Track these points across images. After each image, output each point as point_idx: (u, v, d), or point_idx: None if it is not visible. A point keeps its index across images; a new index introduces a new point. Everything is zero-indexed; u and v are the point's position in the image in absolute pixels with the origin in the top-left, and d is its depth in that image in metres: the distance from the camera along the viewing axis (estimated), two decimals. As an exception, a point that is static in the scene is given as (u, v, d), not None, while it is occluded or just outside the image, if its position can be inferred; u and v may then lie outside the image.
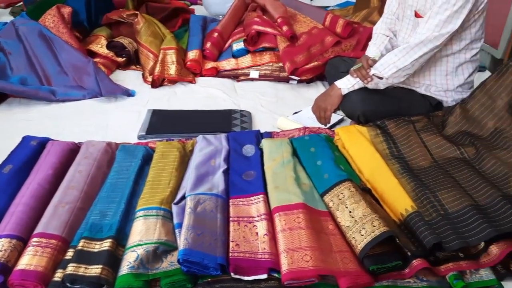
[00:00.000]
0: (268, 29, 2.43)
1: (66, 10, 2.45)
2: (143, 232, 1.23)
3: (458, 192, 1.25)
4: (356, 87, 1.66)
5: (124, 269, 1.12)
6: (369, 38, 1.88)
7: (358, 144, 1.58)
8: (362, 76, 1.61)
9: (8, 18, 3.25)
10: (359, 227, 1.17)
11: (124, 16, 2.55)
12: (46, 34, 2.31)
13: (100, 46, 2.56)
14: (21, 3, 3.63)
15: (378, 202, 1.35)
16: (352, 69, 1.65)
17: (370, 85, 1.63)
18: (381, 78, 1.59)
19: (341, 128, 1.72)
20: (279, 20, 2.44)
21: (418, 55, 1.52)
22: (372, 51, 1.77)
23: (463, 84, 1.67)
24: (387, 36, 1.79)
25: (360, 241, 1.14)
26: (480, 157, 1.38)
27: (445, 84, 1.68)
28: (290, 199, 1.31)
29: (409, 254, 1.12)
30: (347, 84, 1.68)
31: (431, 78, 1.70)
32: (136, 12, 2.56)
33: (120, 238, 1.25)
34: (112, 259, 1.17)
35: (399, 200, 1.29)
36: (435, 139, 1.50)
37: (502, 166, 1.31)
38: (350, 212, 1.23)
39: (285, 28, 2.38)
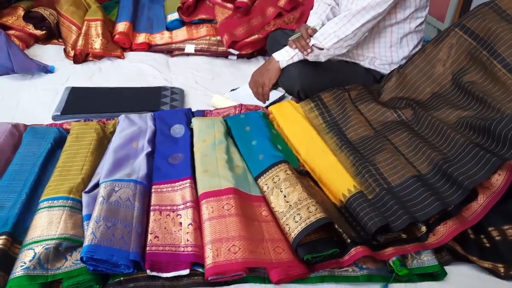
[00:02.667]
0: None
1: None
2: (45, 226, 1.07)
3: (399, 162, 1.21)
4: (296, 59, 1.56)
5: (18, 270, 0.97)
6: (313, 9, 1.78)
7: (292, 121, 1.50)
8: (302, 47, 1.50)
9: None
10: (294, 212, 1.07)
11: (42, -18, 2.30)
12: None
13: (15, 18, 2.30)
14: None
15: (318, 184, 1.26)
16: (290, 39, 1.54)
17: (310, 57, 1.53)
18: (322, 49, 1.49)
19: (275, 105, 1.63)
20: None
21: (361, 23, 1.44)
22: (313, 20, 1.67)
23: (408, 57, 1.61)
24: (329, 5, 1.70)
25: (294, 228, 1.04)
26: (418, 117, 1.33)
27: (389, 57, 1.61)
28: (220, 184, 1.20)
29: (349, 241, 1.04)
30: (285, 56, 1.57)
31: (375, 51, 1.63)
32: (55, -23, 2.31)
33: (18, 234, 1.09)
34: (5, 259, 1.01)
35: (339, 181, 1.21)
36: (370, 105, 1.45)
37: (438, 121, 1.26)
38: (285, 196, 1.13)
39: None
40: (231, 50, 2.15)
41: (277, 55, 1.58)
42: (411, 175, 1.16)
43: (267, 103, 1.70)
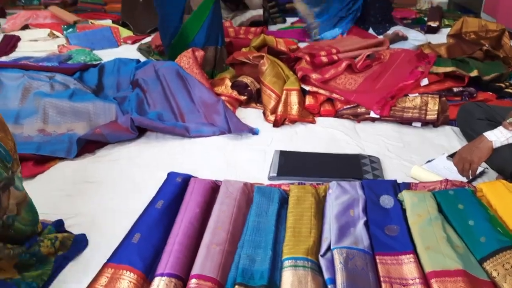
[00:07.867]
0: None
1: (199, 54, 2.58)
2: (296, 285, 1.18)
3: None
4: (511, 141, 1.51)
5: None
6: None
7: (507, 203, 1.42)
8: (519, 130, 1.45)
9: (135, 54, 3.55)
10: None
11: (251, 57, 2.61)
12: (182, 74, 2.44)
13: (224, 87, 2.63)
14: (148, 40, 3.91)
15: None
16: (507, 121, 1.50)
17: (527, 140, 1.46)
18: (542, 133, 1.42)
19: (485, 183, 1.57)
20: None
21: None
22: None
23: None
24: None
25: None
26: None
27: None
28: (447, 263, 1.19)
29: None
30: (499, 136, 1.52)
31: None
32: (262, 54, 2.61)
33: (271, 287, 1.22)
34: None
35: None
36: None
37: None
38: (524, 287, 1.08)
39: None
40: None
41: (490, 135, 1.55)
42: None
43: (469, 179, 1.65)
